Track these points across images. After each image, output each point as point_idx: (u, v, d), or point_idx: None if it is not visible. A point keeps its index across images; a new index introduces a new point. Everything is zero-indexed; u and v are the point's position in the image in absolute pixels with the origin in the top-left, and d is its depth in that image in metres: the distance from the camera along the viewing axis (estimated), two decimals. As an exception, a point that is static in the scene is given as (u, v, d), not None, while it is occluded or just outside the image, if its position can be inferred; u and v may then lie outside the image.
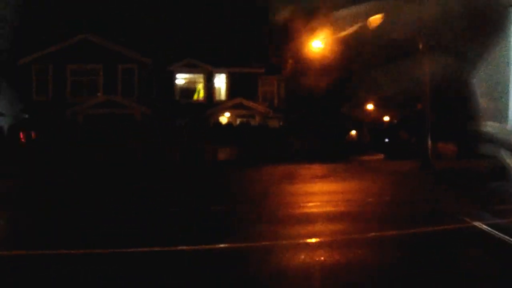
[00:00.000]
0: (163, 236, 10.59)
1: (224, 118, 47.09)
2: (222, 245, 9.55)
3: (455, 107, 46.27)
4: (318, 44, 43.00)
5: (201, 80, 48.53)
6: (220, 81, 49.17)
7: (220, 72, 48.63)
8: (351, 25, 34.49)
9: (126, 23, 48.15)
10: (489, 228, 10.34)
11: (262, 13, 46.34)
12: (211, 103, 47.80)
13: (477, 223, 10.95)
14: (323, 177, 25.44)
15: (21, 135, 36.37)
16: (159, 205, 15.75)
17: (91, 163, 31.93)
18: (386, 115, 77.79)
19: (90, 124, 38.43)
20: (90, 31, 43.08)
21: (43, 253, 8.97)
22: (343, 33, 35.42)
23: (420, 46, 32.00)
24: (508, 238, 9.42)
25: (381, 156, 52.65)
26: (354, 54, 48.74)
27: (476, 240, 9.85)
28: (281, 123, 50.33)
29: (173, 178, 26.34)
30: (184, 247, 9.38)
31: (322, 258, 8.38)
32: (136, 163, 33.44)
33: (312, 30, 42.03)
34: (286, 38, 47.14)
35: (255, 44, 49.75)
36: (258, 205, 15.29)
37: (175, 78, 47.99)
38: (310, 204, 15.55)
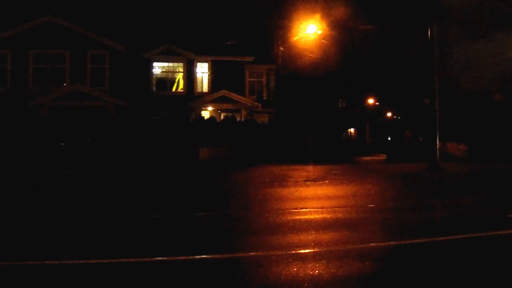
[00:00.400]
0: (137, 246, 10.61)
1: (207, 113, 47.00)
2: (203, 256, 9.58)
3: (467, 104, 46.52)
4: (313, 29, 43.06)
5: (181, 69, 48.39)
6: (203, 71, 49.04)
7: (203, 61, 48.50)
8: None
9: (96, 5, 47.91)
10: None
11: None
12: (192, 96, 47.66)
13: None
14: (318, 180, 25.49)
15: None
16: (133, 210, 15.78)
17: (52, 163, 31.69)
18: (389, 111, 78.09)
19: (55, 118, 38.06)
20: (56, 14, 42.78)
21: None
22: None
23: (429, 36, 32.15)
24: None
25: (384, 157, 52.77)
26: (355, 42, 48.90)
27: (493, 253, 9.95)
28: (271, 119, 50.30)
29: (150, 180, 26.29)
30: (162, 258, 9.41)
31: (317, 271, 8.43)
32: (108, 162, 33.31)
33: (307, 13, 42.13)
34: (278, 22, 47.15)
35: (243, 29, 49.70)
36: (245, 212, 15.33)
37: (151, 67, 47.78)
38: (303, 210, 15.59)
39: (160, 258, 9.41)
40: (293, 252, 9.79)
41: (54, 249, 10.20)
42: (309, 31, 43.82)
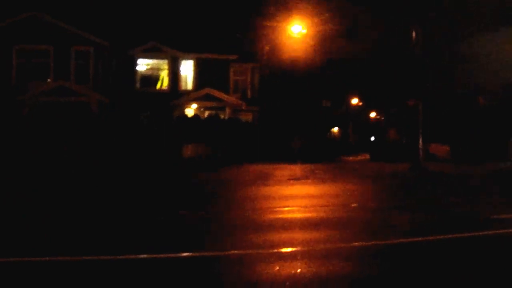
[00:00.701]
0: (121, 244, 10.57)
1: (191, 110, 46.87)
2: (185, 254, 9.54)
3: (450, 105, 46.76)
4: (297, 29, 43.11)
5: (166, 66, 48.24)
6: (187, 69, 48.91)
7: (187, 58, 48.35)
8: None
9: (81, 1, 47.62)
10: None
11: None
12: (176, 93, 47.53)
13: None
14: (301, 179, 25.55)
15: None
16: (116, 210, 15.73)
17: (33, 162, 31.42)
18: (373, 111, 78.31)
19: (39, 115, 37.80)
20: (40, 9, 42.49)
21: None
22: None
23: (414, 35, 32.26)
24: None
25: (367, 156, 52.95)
26: (338, 43, 49.00)
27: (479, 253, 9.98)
28: (255, 117, 50.28)
29: (130, 179, 26.19)
30: (144, 256, 9.37)
31: (299, 270, 8.41)
32: (88, 161, 33.14)
33: (292, 13, 42.17)
34: (262, 21, 47.10)
35: (227, 27, 49.60)
36: (227, 210, 15.32)
37: (136, 64, 47.61)
38: (286, 209, 15.60)
39: (143, 255, 9.37)
40: (275, 250, 9.77)
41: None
42: (293, 31, 43.85)
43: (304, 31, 44.20)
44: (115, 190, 21.32)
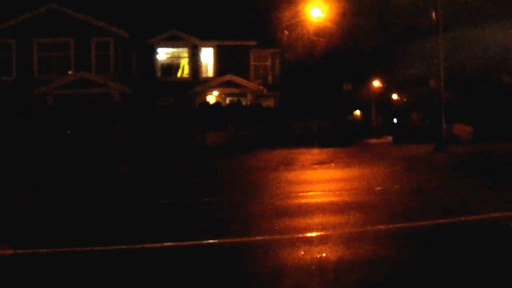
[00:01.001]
0: (145, 232, 10.60)
1: (212, 97, 46.93)
2: (211, 241, 9.55)
3: (472, 86, 46.36)
4: (318, 12, 42.91)
5: (186, 54, 48.30)
6: (207, 56, 48.94)
7: (207, 46, 48.36)
8: None
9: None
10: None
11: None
12: (197, 81, 47.61)
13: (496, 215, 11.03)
14: (324, 163, 25.48)
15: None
16: (140, 196, 15.80)
17: (59, 150, 31.65)
18: (395, 93, 77.86)
19: (61, 106, 38.04)
20: (59, 1, 42.63)
21: None
22: None
23: (434, 16, 31.99)
24: None
25: (390, 139, 52.71)
26: (360, 25, 48.70)
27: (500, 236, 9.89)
28: (276, 102, 50.23)
29: (158, 166, 26.28)
30: (169, 243, 9.38)
31: (324, 254, 8.38)
32: (116, 150, 33.31)
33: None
34: (281, 5, 46.95)
35: (247, 12, 49.47)
36: (251, 196, 15.31)
37: (156, 53, 47.73)
38: (310, 193, 15.57)
39: (168, 243, 9.39)
40: (300, 235, 9.75)
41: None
42: (313, 14, 43.63)
43: (323, 14, 43.98)
44: (138, 177, 21.42)
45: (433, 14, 32.03)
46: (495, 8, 43.25)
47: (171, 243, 9.37)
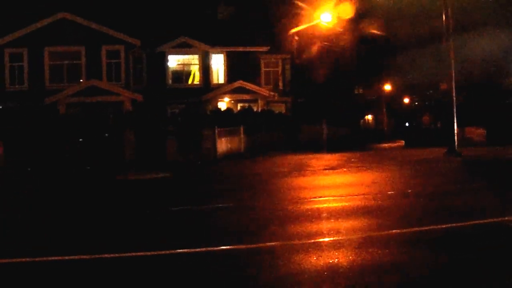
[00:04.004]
0: (160, 239, 10.70)
1: (223, 104, 47.03)
2: (224, 247, 9.64)
3: (483, 88, 46.26)
4: (328, 17, 42.95)
5: (196, 61, 48.41)
6: (218, 63, 49.04)
7: (218, 52, 48.48)
8: None
9: (109, 0, 47.96)
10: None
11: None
12: (208, 87, 47.71)
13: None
14: (337, 168, 25.51)
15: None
16: (157, 203, 15.93)
17: (70, 159, 31.68)
18: (406, 97, 77.72)
19: (73, 115, 38.12)
20: (69, 10, 42.81)
21: None
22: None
23: (444, 18, 32.01)
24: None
25: (402, 143, 52.63)
26: (370, 29, 48.75)
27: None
28: (287, 108, 50.28)
29: (172, 172, 26.34)
30: (184, 250, 9.48)
31: (336, 260, 8.46)
32: (122, 157, 33.39)
33: (322, 1, 42.02)
34: (292, 11, 47.04)
35: (257, 19, 49.62)
36: (264, 201, 15.39)
37: (167, 61, 47.86)
38: (322, 199, 15.63)
39: (181, 250, 9.48)
40: (312, 241, 9.83)
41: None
42: (323, 19, 43.69)
43: (332, 19, 44.00)
44: (149, 185, 21.53)
45: (443, 15, 32.04)
46: (507, 10, 43.26)
47: (185, 250, 9.47)
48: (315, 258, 8.55)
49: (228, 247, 9.64)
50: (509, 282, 7.24)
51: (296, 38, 47.76)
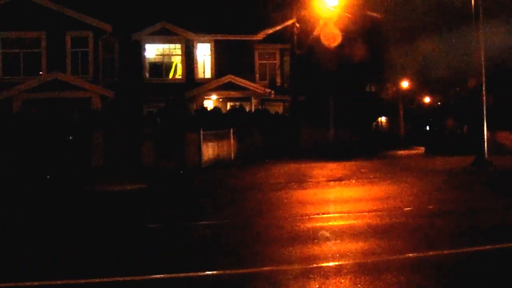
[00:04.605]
0: (133, 261, 10.70)
1: (210, 102, 46.96)
2: (209, 272, 9.65)
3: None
4: (334, 1, 42.88)
5: (179, 52, 48.32)
6: (204, 53, 48.94)
7: (204, 41, 48.38)
8: None
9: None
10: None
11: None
12: (193, 83, 47.56)
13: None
14: (344, 180, 25.53)
15: None
16: (130, 220, 15.93)
17: (28, 168, 31.54)
18: (427, 96, 77.79)
19: (31, 113, 37.90)
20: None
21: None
22: None
23: (473, 4, 32.00)
24: None
25: (421, 150, 52.74)
26: (386, 16, 48.82)
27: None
28: (286, 108, 50.24)
29: (149, 183, 26.31)
30: (160, 276, 9.48)
31: None
32: (95, 164, 33.34)
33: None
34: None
35: (251, 2, 49.51)
36: (257, 218, 15.40)
37: (144, 50, 47.67)
38: (327, 216, 15.65)
39: (157, 276, 9.49)
40: (314, 265, 9.85)
41: None
42: (329, 3, 43.63)
43: (339, 3, 43.97)
44: (121, 198, 21.51)
45: (472, 3, 32.01)
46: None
47: (162, 275, 9.47)
48: (317, 286, 8.58)
49: (213, 272, 9.66)
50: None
51: (297, 25, 47.70)
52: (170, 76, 48.43)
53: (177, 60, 48.42)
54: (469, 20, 32.69)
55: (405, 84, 71.95)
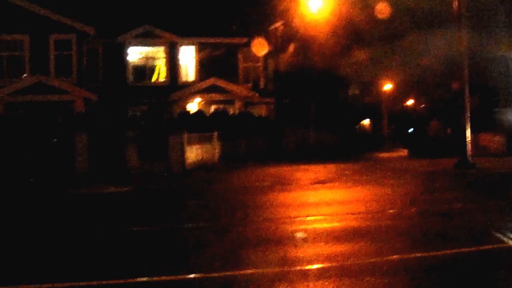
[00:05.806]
0: (118, 264, 10.66)
1: (194, 105, 46.90)
2: (193, 275, 9.63)
3: (502, 88, 46.40)
4: (317, 3, 42.90)
5: (162, 54, 48.27)
6: (188, 56, 48.91)
7: (188, 44, 48.35)
8: None
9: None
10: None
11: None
12: (176, 86, 47.51)
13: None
14: (327, 182, 25.55)
15: None
16: (115, 222, 15.88)
17: (10, 171, 31.39)
18: (411, 98, 77.91)
19: (13, 116, 37.70)
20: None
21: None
22: None
23: (455, 6, 32.09)
24: None
25: (405, 152, 52.81)
26: (368, 18, 48.86)
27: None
28: (270, 111, 50.22)
29: (133, 186, 26.26)
30: (145, 279, 9.45)
31: (326, 291, 8.48)
32: (80, 167, 33.24)
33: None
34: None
35: (234, 5, 49.51)
36: (241, 221, 15.38)
37: (127, 53, 47.59)
38: (310, 218, 15.65)
39: (142, 279, 9.45)
40: (298, 268, 9.84)
41: None
42: (311, 6, 43.65)
43: (324, 6, 44.00)
44: (106, 200, 21.46)
45: (455, 3, 32.07)
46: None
47: (145, 279, 9.44)
48: (300, 289, 8.57)
49: (197, 275, 9.63)
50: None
51: (281, 27, 47.74)
52: (154, 79, 48.38)
53: (160, 63, 48.39)
54: (453, 22, 32.78)
55: (388, 86, 72.11)
